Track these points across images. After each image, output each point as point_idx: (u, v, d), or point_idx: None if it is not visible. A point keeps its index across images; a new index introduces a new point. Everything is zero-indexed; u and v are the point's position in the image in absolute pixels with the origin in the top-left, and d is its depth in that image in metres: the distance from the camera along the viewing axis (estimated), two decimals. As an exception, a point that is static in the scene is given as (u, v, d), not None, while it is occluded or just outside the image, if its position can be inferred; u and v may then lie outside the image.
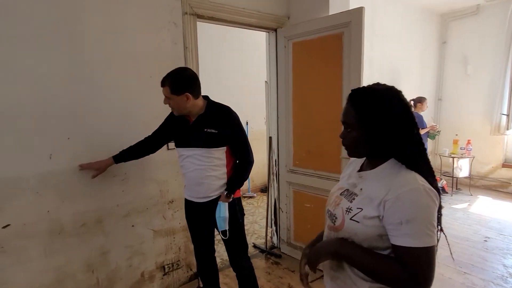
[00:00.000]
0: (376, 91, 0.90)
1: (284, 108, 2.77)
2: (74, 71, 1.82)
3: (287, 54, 2.68)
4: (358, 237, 0.89)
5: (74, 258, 1.90)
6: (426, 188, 0.82)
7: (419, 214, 0.80)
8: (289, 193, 2.84)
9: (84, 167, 1.86)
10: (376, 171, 0.92)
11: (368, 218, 0.86)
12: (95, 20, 1.87)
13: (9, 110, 1.65)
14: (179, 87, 1.65)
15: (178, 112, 1.75)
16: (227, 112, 1.78)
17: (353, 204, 0.92)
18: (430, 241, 0.80)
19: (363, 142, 0.91)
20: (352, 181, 0.99)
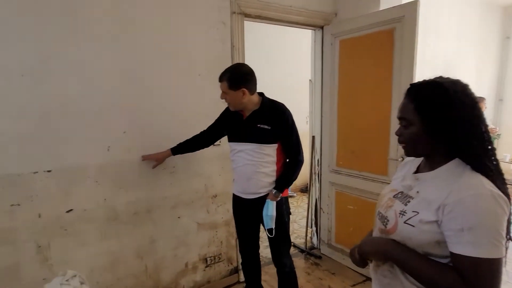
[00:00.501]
0: (440, 84, 0.83)
1: (329, 107, 2.71)
2: (130, 69, 1.95)
3: (334, 52, 2.62)
4: (412, 242, 0.83)
5: (126, 244, 2.04)
6: (494, 193, 0.74)
7: (484, 221, 0.72)
8: (331, 194, 2.78)
9: (146, 158, 2.00)
10: (436, 173, 0.86)
11: (425, 223, 0.80)
12: (149, 20, 1.97)
13: (75, 106, 1.80)
14: (236, 82, 1.70)
15: (233, 107, 1.79)
16: (281, 110, 1.80)
17: (408, 207, 0.87)
18: (496, 252, 0.71)
19: (423, 139, 0.85)
20: (407, 183, 0.93)
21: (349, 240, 2.65)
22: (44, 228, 1.78)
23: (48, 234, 1.80)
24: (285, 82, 4.62)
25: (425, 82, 0.86)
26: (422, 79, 0.91)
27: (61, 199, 1.82)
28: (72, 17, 1.75)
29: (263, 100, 1.82)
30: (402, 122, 0.89)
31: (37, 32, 1.67)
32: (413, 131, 0.86)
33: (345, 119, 2.61)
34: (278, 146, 1.81)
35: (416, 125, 0.84)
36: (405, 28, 2.09)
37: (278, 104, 1.84)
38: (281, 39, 4.60)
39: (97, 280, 1.96)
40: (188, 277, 2.30)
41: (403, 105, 0.89)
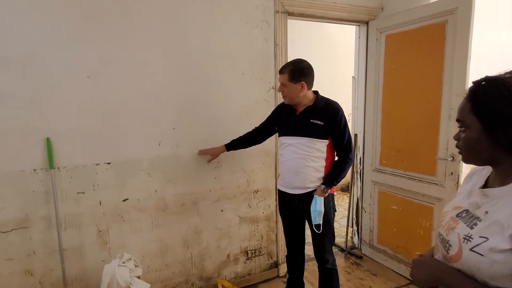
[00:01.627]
0: (502, 79, 0.72)
1: (372, 104, 2.65)
2: (178, 69, 2.07)
3: (379, 47, 2.55)
4: (482, 274, 0.70)
5: (174, 233, 2.18)
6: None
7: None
8: (374, 193, 2.71)
9: (202, 152, 2.14)
10: (510, 188, 0.72)
11: (497, 252, 0.67)
12: (196, 21, 2.08)
13: (131, 104, 1.97)
14: (297, 75, 1.77)
15: (290, 100, 1.85)
16: (336, 108, 1.83)
17: (474, 231, 0.74)
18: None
19: (482, 145, 0.74)
20: (474, 200, 0.81)
21: (393, 241, 2.58)
22: (104, 215, 1.98)
23: (107, 220, 1.99)
24: (327, 79, 4.55)
25: (485, 79, 0.75)
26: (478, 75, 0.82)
27: (118, 189, 2.00)
28: (128, 23, 1.91)
29: (317, 97, 1.87)
30: (459, 124, 0.80)
31: (99, 37, 1.85)
32: (470, 135, 0.76)
33: (389, 116, 2.53)
34: (328, 143, 1.83)
35: (474, 128, 0.75)
36: (458, 21, 1.98)
37: (332, 102, 1.87)
38: (322, 36, 4.55)
39: (148, 265, 2.13)
40: (229, 268, 2.40)
41: (461, 106, 0.79)
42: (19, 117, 1.74)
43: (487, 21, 3.71)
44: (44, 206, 1.84)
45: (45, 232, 1.85)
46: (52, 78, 1.78)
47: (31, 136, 1.77)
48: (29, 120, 1.76)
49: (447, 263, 0.80)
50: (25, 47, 1.72)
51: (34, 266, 1.85)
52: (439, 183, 2.18)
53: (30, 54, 1.73)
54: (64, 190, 1.87)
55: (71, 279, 1.93)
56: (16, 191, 1.78)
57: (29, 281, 1.85)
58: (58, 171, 1.85)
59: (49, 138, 1.80)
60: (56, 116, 1.81)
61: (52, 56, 1.77)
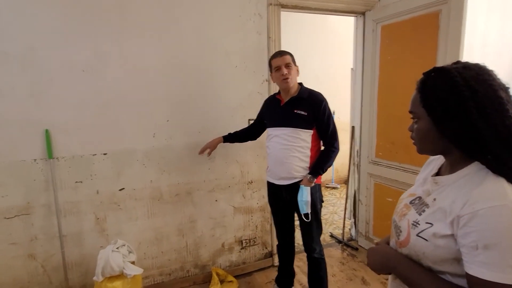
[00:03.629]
0: (446, 70, 0.71)
1: (369, 96, 2.63)
2: (172, 63, 2.12)
3: (375, 39, 2.53)
4: (427, 258, 0.73)
5: (169, 222, 2.26)
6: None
7: (504, 239, 0.60)
8: (370, 186, 2.71)
9: (201, 151, 2.15)
10: (455, 177, 0.74)
11: (440, 237, 0.70)
12: (191, 14, 2.11)
13: (126, 97, 2.04)
14: (294, 59, 1.86)
15: (291, 82, 1.85)
16: (319, 98, 1.86)
17: (421, 217, 0.76)
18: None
19: (431, 136, 0.74)
20: (426, 188, 0.82)
21: (388, 233, 2.57)
22: (101, 203, 2.07)
23: (105, 208, 2.08)
24: (331, 72, 4.52)
25: (434, 69, 0.75)
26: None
27: (114, 179, 2.08)
28: (122, 18, 1.97)
29: (301, 88, 1.90)
30: (412, 116, 0.81)
31: (94, 32, 1.92)
32: (420, 126, 0.77)
33: (385, 108, 2.52)
34: (313, 133, 1.86)
35: (423, 119, 0.75)
36: (451, 10, 1.94)
37: (315, 93, 1.90)
38: (322, 27, 4.50)
39: (144, 251, 2.22)
40: (224, 257, 2.47)
41: (413, 97, 0.80)
42: (19, 109, 1.84)
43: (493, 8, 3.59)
44: (44, 194, 1.94)
45: (46, 218, 1.96)
46: (49, 72, 1.87)
47: (31, 127, 1.87)
48: (29, 113, 1.86)
49: (398, 249, 0.83)
50: (24, 43, 1.80)
51: (36, 251, 1.97)
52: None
53: (28, 49, 1.81)
54: (63, 179, 1.97)
55: (70, 263, 2.04)
56: (18, 179, 1.88)
57: (32, 264, 1.97)
58: (57, 161, 1.94)
59: (48, 129, 1.90)
60: (54, 108, 1.90)
61: (49, 51, 1.85)
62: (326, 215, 3.72)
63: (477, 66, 0.72)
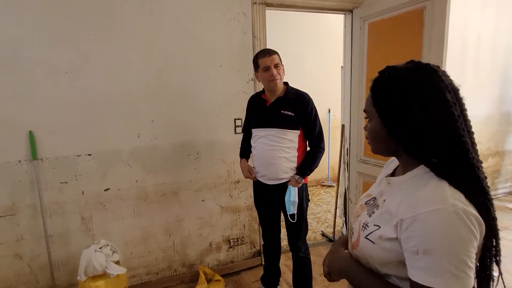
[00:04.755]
0: (395, 70, 0.70)
1: (357, 94, 2.62)
2: (155, 64, 2.12)
3: (362, 36, 2.50)
4: (374, 260, 0.72)
5: (155, 221, 2.27)
6: (459, 210, 0.59)
7: (440, 245, 0.59)
8: (359, 184, 2.70)
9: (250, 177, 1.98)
10: (405, 178, 0.73)
11: (385, 240, 0.68)
12: (174, 13, 2.12)
13: (111, 98, 2.05)
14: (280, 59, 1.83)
15: (280, 82, 1.83)
16: (306, 98, 1.85)
17: (371, 219, 0.75)
18: (456, 284, 0.58)
19: (381, 136, 0.73)
20: (381, 188, 0.81)
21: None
22: (86, 203, 2.09)
23: (90, 208, 2.10)
24: (327, 71, 4.49)
25: (387, 68, 0.73)
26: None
27: (100, 179, 2.10)
28: (104, 19, 1.97)
29: (287, 88, 1.88)
30: (366, 115, 0.80)
31: (76, 34, 1.93)
32: (372, 126, 0.76)
33: (373, 106, 2.50)
34: (300, 133, 1.85)
35: (374, 119, 0.74)
36: (435, 6, 1.91)
37: (302, 93, 1.88)
38: (313, 25, 4.46)
39: (131, 251, 2.24)
40: (212, 256, 2.48)
41: (367, 96, 0.79)
42: (3, 111, 1.86)
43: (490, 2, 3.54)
44: (29, 195, 1.96)
45: (32, 219, 1.98)
46: (33, 74, 1.88)
47: (15, 129, 1.89)
48: (13, 114, 1.87)
49: (351, 251, 0.82)
50: (7, 46, 1.82)
51: (22, 250, 1.99)
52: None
53: (12, 52, 1.83)
54: (48, 180, 1.99)
55: (57, 262, 2.07)
56: (3, 181, 1.91)
57: (18, 264, 1.99)
58: (41, 162, 1.96)
59: (32, 131, 1.91)
60: (38, 110, 1.92)
61: (33, 53, 1.86)
62: (320, 213, 3.71)
63: (427, 66, 0.70)
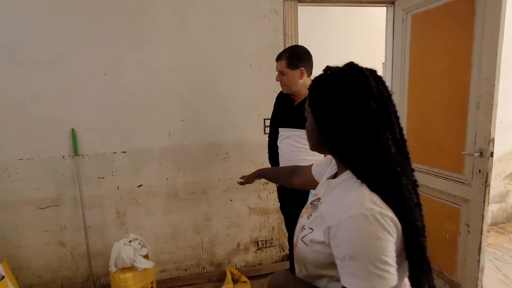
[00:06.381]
0: (336, 72, 0.70)
1: (398, 93, 2.41)
2: (186, 64, 2.17)
3: (405, 29, 2.30)
4: (308, 261, 0.73)
5: (185, 219, 2.32)
6: (376, 213, 0.60)
7: (361, 249, 0.60)
8: (399, 191, 2.49)
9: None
10: (338, 181, 0.74)
11: (316, 243, 0.70)
12: (203, 14, 2.14)
13: (143, 98, 2.14)
14: (296, 61, 1.71)
15: (288, 89, 1.78)
16: None
17: (308, 221, 0.76)
18: (381, 284, 0.60)
19: (314, 135, 0.74)
20: (324, 189, 0.80)
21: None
22: (121, 198, 2.20)
23: (124, 203, 2.21)
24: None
25: (327, 68, 0.73)
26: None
27: (133, 176, 2.20)
28: (138, 22, 2.06)
29: None
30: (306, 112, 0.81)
31: (112, 38, 2.04)
32: (308, 123, 0.77)
33: (416, 106, 2.28)
34: None
35: (310, 117, 0.75)
36: (489, -8, 1.68)
37: None
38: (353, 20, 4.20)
39: (161, 246, 2.31)
40: (240, 256, 2.47)
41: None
42: (50, 110, 2.03)
43: None
44: (71, 188, 2.13)
45: (73, 210, 2.15)
46: (75, 75, 2.03)
47: (59, 127, 2.06)
48: (58, 113, 2.04)
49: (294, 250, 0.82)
50: (53, 50, 1.99)
51: (65, 239, 2.17)
52: (466, 181, 1.91)
53: (57, 56, 2.00)
54: (87, 175, 2.14)
55: (95, 252, 2.21)
56: (49, 174, 2.09)
57: (61, 251, 2.17)
58: (82, 158, 2.11)
59: (74, 129, 2.07)
60: (79, 109, 2.07)
61: (74, 56, 2.02)
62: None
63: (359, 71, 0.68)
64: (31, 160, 2.05)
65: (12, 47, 1.94)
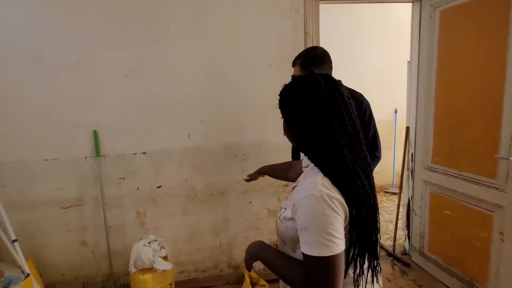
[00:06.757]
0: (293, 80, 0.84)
1: (425, 92, 2.30)
2: (205, 65, 2.15)
3: (432, 26, 2.19)
4: (284, 236, 0.88)
5: (203, 220, 2.31)
6: (324, 194, 0.74)
7: (312, 222, 0.75)
8: (425, 195, 2.38)
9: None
10: (306, 170, 0.90)
11: (287, 219, 0.84)
12: (223, 14, 2.12)
13: (163, 99, 2.14)
14: (310, 65, 1.60)
15: None
16: (357, 99, 1.63)
17: (285, 202, 0.91)
18: (326, 251, 0.73)
19: (287, 133, 0.89)
20: (301, 176, 0.95)
21: (445, 251, 2.23)
22: (141, 199, 2.22)
23: (144, 203, 2.23)
24: (392, 66, 4.09)
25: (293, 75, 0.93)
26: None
27: (153, 176, 2.21)
28: (157, 23, 2.06)
29: None
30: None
31: (133, 40, 2.05)
32: (283, 124, 0.90)
33: (444, 106, 2.17)
34: None
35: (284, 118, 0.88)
36: (527, -16, 1.57)
37: (354, 93, 1.68)
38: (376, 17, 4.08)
39: (180, 247, 2.31)
40: (258, 259, 2.43)
41: None
42: (73, 112, 2.07)
43: None
44: (93, 188, 2.16)
45: (95, 210, 2.18)
46: (96, 78, 2.06)
47: (82, 128, 2.09)
48: (81, 115, 2.08)
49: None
50: (75, 53, 2.02)
51: (87, 238, 2.20)
52: (500, 187, 1.79)
53: (80, 59, 2.03)
54: (109, 175, 2.16)
55: (115, 252, 2.23)
56: (73, 174, 2.12)
57: (84, 250, 2.21)
58: (103, 158, 2.14)
59: (96, 130, 2.10)
60: (101, 110, 2.09)
61: (96, 59, 2.04)
62: (380, 223, 3.39)
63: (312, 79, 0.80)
64: (55, 160, 2.10)
65: (39, 50, 1.99)
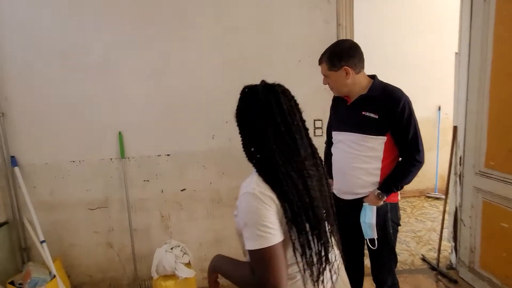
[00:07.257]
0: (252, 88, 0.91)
1: (477, 87, 2.03)
2: (231, 63, 2.06)
3: (487, 11, 1.91)
4: (238, 233, 0.90)
5: (228, 225, 2.21)
6: (257, 192, 0.79)
7: (249, 218, 0.79)
8: (476, 203, 2.10)
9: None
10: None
11: (236, 216, 0.87)
12: (249, 11, 2.00)
13: (187, 100, 2.07)
14: (337, 61, 1.48)
15: (337, 91, 1.58)
16: (395, 96, 1.45)
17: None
18: (263, 242, 0.77)
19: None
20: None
21: (501, 269, 1.95)
22: (165, 202, 2.17)
23: (169, 207, 2.18)
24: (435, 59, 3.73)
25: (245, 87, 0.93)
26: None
27: (177, 179, 2.15)
28: (181, 23, 2.00)
29: (373, 83, 1.52)
30: None
31: (158, 39, 2.01)
32: None
33: (500, 102, 1.88)
34: (388, 140, 1.49)
35: None
36: None
37: (392, 88, 1.49)
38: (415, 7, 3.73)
39: (205, 253, 2.24)
40: (286, 268, 2.29)
41: None
42: (99, 114, 2.06)
43: None
44: (119, 190, 2.14)
45: (120, 212, 2.16)
46: (121, 79, 2.04)
47: (108, 129, 2.08)
48: (106, 116, 2.06)
49: None
50: (100, 54, 2.01)
51: (113, 240, 2.19)
52: None
53: (105, 60, 2.01)
54: (134, 178, 2.13)
55: (140, 256, 2.21)
56: (99, 176, 2.12)
57: (110, 252, 2.20)
58: (128, 160, 2.11)
59: (121, 132, 2.07)
60: (125, 112, 2.07)
61: (121, 60, 2.02)
62: (421, 232, 3.11)
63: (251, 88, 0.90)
64: (82, 162, 2.10)
65: (67, 51, 1.99)
